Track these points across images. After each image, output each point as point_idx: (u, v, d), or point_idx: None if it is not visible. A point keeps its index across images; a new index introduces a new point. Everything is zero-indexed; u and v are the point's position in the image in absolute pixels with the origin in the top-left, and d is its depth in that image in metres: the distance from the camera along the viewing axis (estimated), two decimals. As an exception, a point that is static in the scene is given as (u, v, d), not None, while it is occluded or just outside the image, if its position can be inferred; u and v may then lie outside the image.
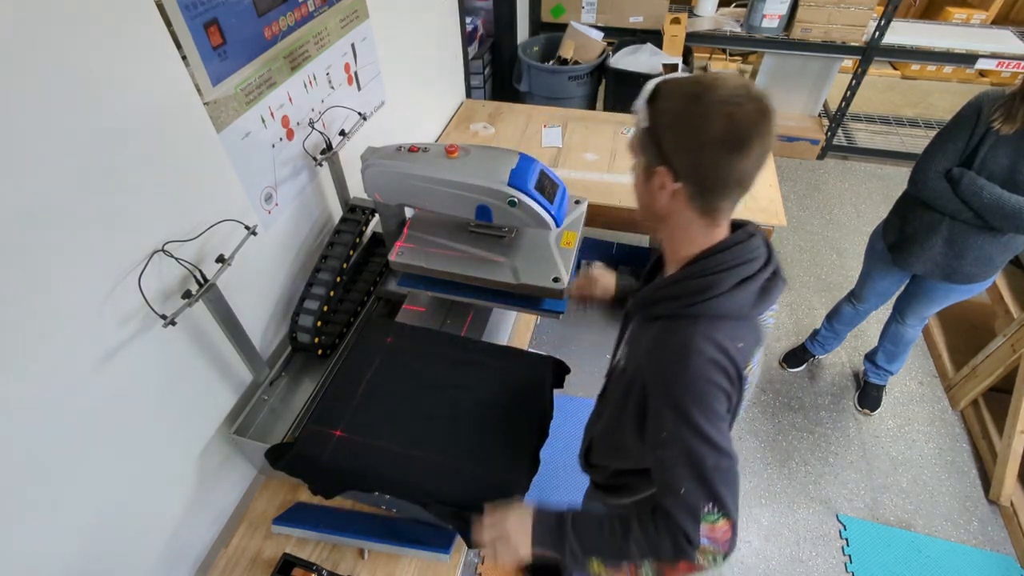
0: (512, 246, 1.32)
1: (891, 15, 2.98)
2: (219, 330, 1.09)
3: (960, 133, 1.53)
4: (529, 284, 1.25)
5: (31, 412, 0.79)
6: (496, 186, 1.14)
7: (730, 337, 0.73)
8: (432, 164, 1.18)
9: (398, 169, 1.19)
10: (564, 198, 1.24)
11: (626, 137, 2.21)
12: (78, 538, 0.91)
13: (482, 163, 1.18)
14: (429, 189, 1.19)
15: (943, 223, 1.62)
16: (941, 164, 1.57)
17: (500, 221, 1.20)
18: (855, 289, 2.11)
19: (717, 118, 0.65)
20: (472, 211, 1.20)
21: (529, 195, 1.14)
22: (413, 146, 1.22)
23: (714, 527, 0.68)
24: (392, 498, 1.08)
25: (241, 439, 1.15)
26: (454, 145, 1.21)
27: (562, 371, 1.28)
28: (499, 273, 1.27)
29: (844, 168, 3.63)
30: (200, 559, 1.22)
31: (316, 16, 1.28)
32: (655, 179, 0.72)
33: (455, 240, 1.34)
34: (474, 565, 1.82)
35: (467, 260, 1.30)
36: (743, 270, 0.75)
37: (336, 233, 1.39)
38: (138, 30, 0.85)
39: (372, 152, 1.24)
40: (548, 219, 1.17)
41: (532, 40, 3.36)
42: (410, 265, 1.31)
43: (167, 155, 0.95)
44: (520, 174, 1.15)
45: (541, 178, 1.19)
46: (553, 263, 1.29)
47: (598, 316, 2.67)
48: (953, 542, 1.90)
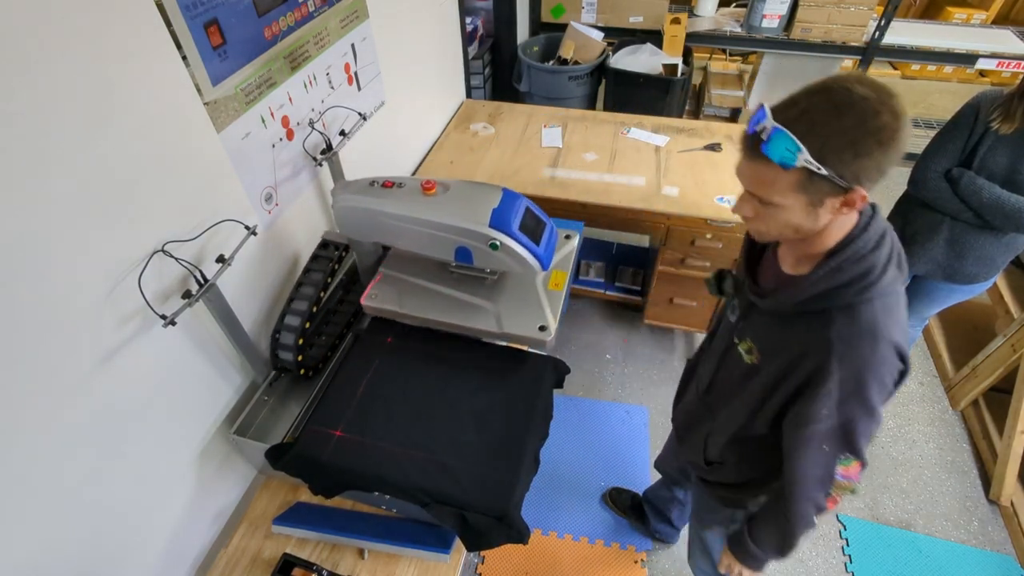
0: (496, 287, 1.24)
1: (891, 15, 2.98)
2: (219, 330, 1.09)
3: (959, 133, 1.53)
4: (513, 333, 1.16)
5: (31, 412, 0.79)
6: (476, 227, 1.05)
7: (900, 316, 0.79)
8: (407, 202, 1.09)
9: (370, 206, 1.10)
10: (552, 237, 1.16)
11: (626, 137, 2.21)
12: (78, 538, 0.91)
13: (461, 201, 1.09)
14: (404, 228, 1.10)
15: (944, 223, 1.62)
16: (940, 164, 1.57)
17: (481, 264, 1.12)
18: None
19: (870, 119, 0.67)
20: (451, 253, 1.11)
21: (512, 237, 1.05)
22: (387, 181, 1.13)
23: (848, 468, 0.85)
24: (392, 498, 1.08)
25: (241, 439, 1.15)
26: (431, 181, 1.12)
27: (562, 371, 1.28)
28: (481, 320, 1.19)
29: (844, 168, 3.63)
30: (200, 559, 1.22)
31: (316, 16, 1.28)
32: (830, 202, 0.73)
33: (434, 281, 1.25)
34: (474, 565, 1.82)
35: (446, 304, 1.22)
36: (884, 244, 0.79)
37: (306, 272, 1.28)
38: (138, 30, 0.85)
39: (343, 186, 1.16)
40: (533, 263, 1.09)
41: (532, 40, 3.36)
42: (383, 310, 1.23)
43: (167, 155, 0.95)
44: (503, 214, 1.06)
45: (526, 217, 1.10)
46: (539, 309, 1.20)
47: (597, 316, 2.67)
48: (953, 542, 1.90)
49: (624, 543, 1.88)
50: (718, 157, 2.09)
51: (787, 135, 0.68)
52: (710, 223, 1.85)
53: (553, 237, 1.16)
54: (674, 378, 2.39)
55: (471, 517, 0.99)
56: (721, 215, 1.82)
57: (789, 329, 0.85)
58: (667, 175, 2.00)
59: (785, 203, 0.75)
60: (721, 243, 1.89)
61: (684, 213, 1.84)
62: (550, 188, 1.93)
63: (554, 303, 1.21)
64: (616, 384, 2.37)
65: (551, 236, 1.15)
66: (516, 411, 1.13)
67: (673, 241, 1.94)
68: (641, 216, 1.89)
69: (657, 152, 2.13)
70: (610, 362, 2.47)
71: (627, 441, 2.16)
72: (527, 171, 2.02)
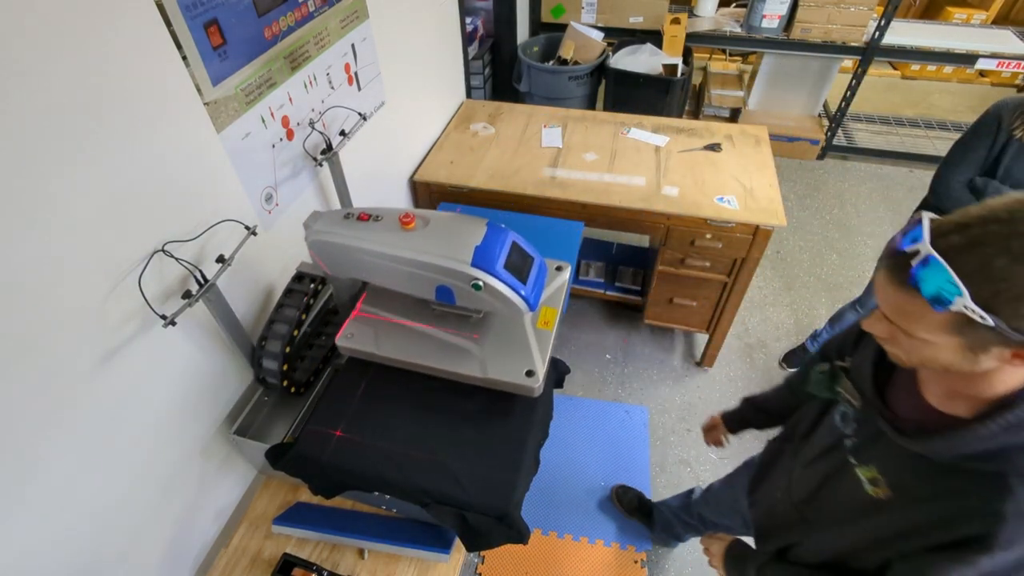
0: (481, 326, 1.16)
1: (891, 15, 2.98)
2: (219, 330, 1.09)
3: (981, 142, 1.49)
4: (497, 379, 1.08)
5: (30, 412, 0.79)
6: (457, 267, 0.97)
7: None
8: (384, 237, 1.01)
9: (344, 241, 1.02)
10: (541, 274, 1.07)
11: (626, 137, 2.21)
12: (78, 538, 0.91)
13: (442, 237, 1.01)
14: (381, 265, 1.03)
15: None
16: (963, 174, 1.53)
17: (464, 303, 1.04)
18: (862, 297, 2.09)
19: None
20: (431, 291, 1.03)
21: (497, 277, 0.97)
22: (363, 213, 1.06)
23: None
24: (392, 498, 1.08)
25: (241, 439, 1.15)
26: (410, 214, 1.03)
27: (562, 371, 1.28)
28: (463, 363, 1.10)
29: (844, 168, 3.63)
30: (200, 559, 1.22)
31: (316, 16, 1.28)
32: (998, 351, 0.58)
33: (415, 318, 1.16)
34: (474, 565, 1.82)
35: (427, 346, 1.13)
36: None
37: (278, 308, 1.19)
38: (138, 30, 0.85)
39: (316, 218, 1.08)
40: (519, 304, 1.01)
41: (532, 40, 3.36)
42: (358, 351, 1.15)
43: (167, 155, 0.95)
44: (486, 251, 0.98)
45: (512, 253, 1.02)
46: (527, 351, 1.11)
47: (597, 316, 2.67)
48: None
49: (624, 543, 1.88)
50: (718, 157, 2.09)
51: (946, 270, 0.54)
52: (710, 223, 1.85)
53: (542, 274, 1.08)
54: (674, 378, 2.39)
55: (471, 517, 0.99)
56: (721, 215, 1.82)
57: (941, 480, 0.68)
58: (667, 175, 2.00)
59: (933, 341, 0.61)
60: (721, 243, 1.89)
61: (684, 213, 1.84)
62: (550, 188, 1.93)
63: (543, 344, 1.13)
64: (616, 384, 2.37)
65: (539, 273, 1.06)
66: (516, 411, 1.13)
67: (673, 241, 1.94)
68: (641, 216, 1.89)
69: (657, 152, 2.13)
70: (610, 362, 2.47)
71: (627, 441, 2.16)
72: (527, 171, 2.02)
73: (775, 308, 2.72)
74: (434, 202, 2.05)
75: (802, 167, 3.65)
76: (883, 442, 0.75)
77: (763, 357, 2.49)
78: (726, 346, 2.50)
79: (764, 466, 1.13)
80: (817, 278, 2.87)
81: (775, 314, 2.68)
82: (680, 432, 2.20)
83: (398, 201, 1.98)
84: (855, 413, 0.83)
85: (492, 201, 1.98)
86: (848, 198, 3.38)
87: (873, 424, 0.77)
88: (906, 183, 3.48)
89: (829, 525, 0.86)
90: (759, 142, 2.17)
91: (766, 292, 2.80)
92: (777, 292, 2.80)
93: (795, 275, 2.88)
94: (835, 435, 0.86)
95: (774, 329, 2.61)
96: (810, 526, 0.91)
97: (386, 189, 1.87)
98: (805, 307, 2.72)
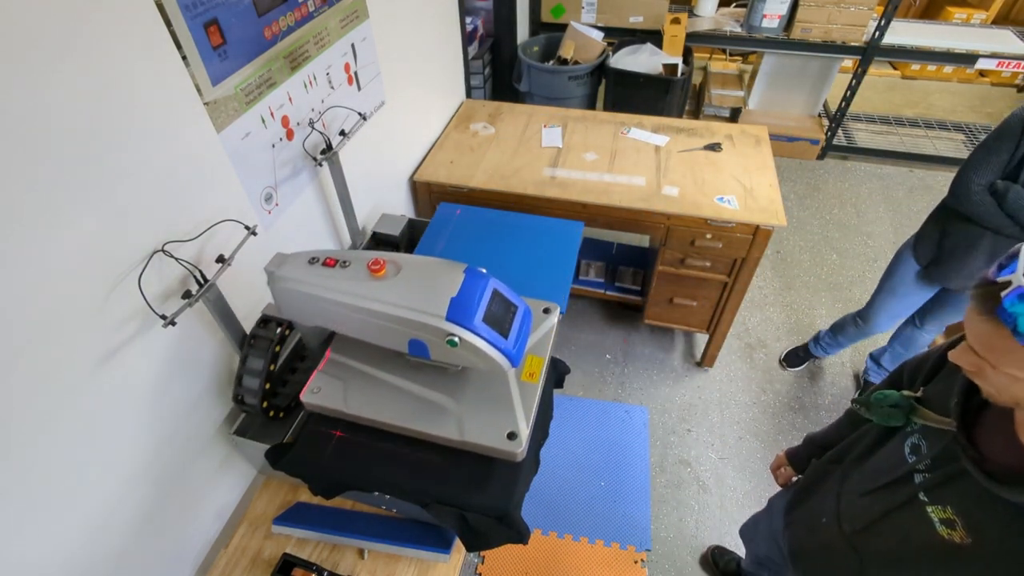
0: (460, 379, 1.06)
1: (891, 15, 2.98)
2: (219, 330, 1.09)
3: (1004, 145, 1.47)
4: (476, 443, 0.99)
5: (30, 412, 0.79)
6: (430, 321, 0.87)
7: None
8: (351, 286, 0.92)
9: (309, 290, 0.93)
10: (525, 323, 0.97)
11: (626, 137, 2.21)
12: (77, 539, 0.91)
13: (414, 287, 0.91)
14: (349, 316, 0.94)
15: (985, 237, 1.56)
16: (985, 177, 1.51)
17: (439, 358, 0.94)
18: (864, 312, 2.06)
19: None
20: (404, 344, 0.94)
21: (474, 332, 0.87)
22: (329, 258, 0.96)
23: None
24: (392, 498, 1.08)
25: (241, 439, 1.15)
26: (380, 260, 0.93)
27: (562, 371, 1.28)
28: (439, 424, 1.01)
29: (844, 168, 3.64)
30: (200, 559, 1.22)
31: (316, 16, 1.27)
32: None
33: (388, 369, 1.07)
34: (474, 565, 1.82)
35: (400, 403, 1.04)
36: None
37: (243, 362, 1.10)
38: (138, 30, 0.85)
39: (279, 262, 0.98)
40: (500, 360, 0.91)
41: (532, 40, 3.36)
42: (325, 408, 1.05)
43: (167, 155, 0.95)
44: (463, 304, 0.88)
45: (493, 303, 0.92)
46: (509, 410, 1.01)
47: (597, 316, 2.67)
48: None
49: (624, 543, 1.88)
50: (718, 157, 2.09)
51: None
52: (710, 223, 1.85)
53: (526, 323, 0.98)
54: (674, 378, 2.39)
55: (471, 517, 0.99)
56: (721, 215, 1.82)
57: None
58: (667, 175, 2.00)
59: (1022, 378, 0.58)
60: (721, 243, 1.89)
61: (684, 213, 1.84)
62: (550, 188, 1.93)
63: (528, 399, 1.03)
64: (616, 384, 2.37)
65: (523, 323, 0.96)
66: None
67: (673, 241, 1.94)
68: (641, 216, 1.89)
69: (657, 152, 2.13)
70: (610, 362, 2.47)
71: (627, 441, 2.16)
72: (527, 171, 2.02)
73: (775, 308, 2.72)
74: (434, 202, 2.05)
75: (802, 167, 3.65)
76: (963, 482, 0.70)
77: (763, 357, 2.49)
78: (726, 346, 2.50)
79: (806, 489, 1.08)
80: (817, 278, 2.87)
81: (775, 314, 2.69)
82: (680, 432, 2.20)
83: (398, 201, 1.98)
84: (930, 448, 0.77)
85: (492, 201, 1.98)
86: (848, 198, 3.38)
87: (953, 462, 0.71)
88: (906, 183, 3.49)
89: (890, 563, 0.81)
90: (759, 142, 2.17)
91: (766, 292, 2.80)
92: (777, 292, 2.80)
93: (795, 275, 2.88)
94: (902, 467, 0.80)
95: (774, 329, 2.61)
96: (865, 560, 0.85)
97: (386, 189, 1.87)
98: (805, 307, 2.72)
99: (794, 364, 2.43)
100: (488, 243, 1.54)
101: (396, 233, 1.58)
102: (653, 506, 1.98)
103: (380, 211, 1.79)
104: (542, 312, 1.15)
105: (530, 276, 1.43)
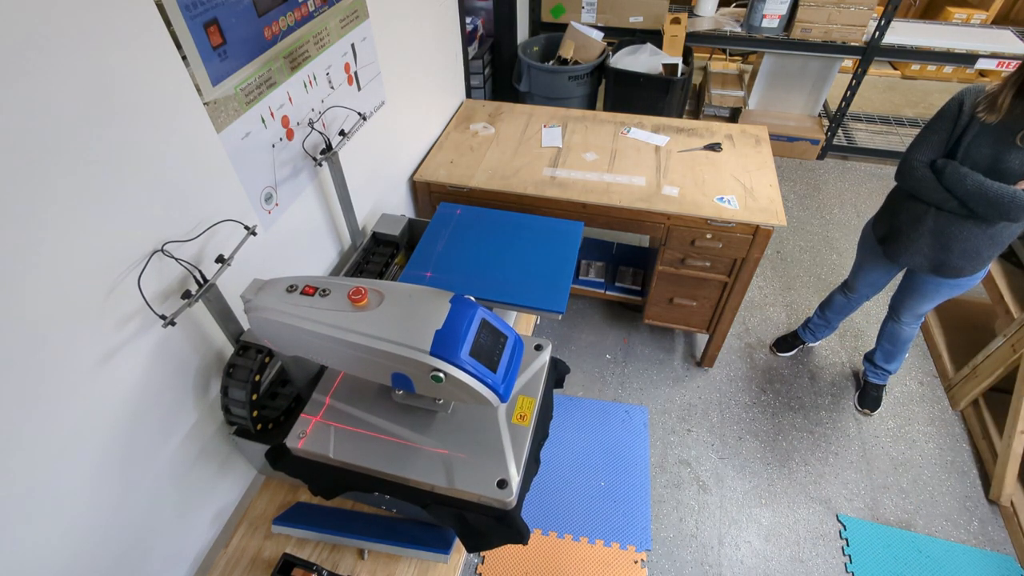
0: (449, 422, 1.02)
1: (891, 15, 2.98)
2: (219, 330, 1.09)
3: (943, 125, 1.59)
4: (464, 490, 0.95)
5: (30, 413, 0.79)
6: (413, 355, 0.82)
7: None
8: (331, 317, 0.87)
9: (287, 320, 0.88)
10: (516, 356, 0.91)
11: (626, 137, 2.21)
12: (77, 539, 0.91)
13: (397, 318, 0.86)
14: (330, 348, 0.88)
15: (928, 214, 1.67)
16: (925, 155, 1.63)
17: (424, 392, 0.89)
18: (848, 279, 2.17)
19: None
20: (387, 378, 0.89)
21: (461, 367, 0.82)
22: (308, 286, 0.91)
23: None
24: (392, 498, 1.08)
25: (241, 439, 1.15)
26: (361, 290, 0.88)
27: (562, 371, 1.28)
28: (426, 471, 0.97)
29: (844, 168, 3.64)
30: (200, 559, 1.22)
31: (316, 16, 1.27)
32: None
33: (374, 411, 1.03)
34: (474, 565, 1.82)
35: (386, 448, 1.00)
36: None
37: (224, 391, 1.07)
38: (138, 30, 0.85)
39: (256, 289, 0.93)
40: (488, 396, 0.86)
41: (532, 40, 3.36)
42: (312, 453, 1.01)
43: (167, 155, 0.95)
44: (449, 336, 0.83)
45: (481, 334, 0.87)
46: (499, 455, 0.97)
47: (597, 316, 2.67)
48: (953, 542, 1.90)
49: (624, 543, 1.88)
50: (718, 157, 2.09)
51: None
52: (710, 223, 1.85)
53: (517, 355, 0.92)
54: (674, 378, 2.40)
55: (471, 517, 0.99)
56: (721, 215, 1.82)
57: None
58: (667, 175, 2.00)
59: None
60: (721, 243, 1.89)
61: (684, 213, 1.84)
62: (550, 188, 1.93)
63: (519, 443, 0.98)
64: (616, 384, 2.37)
65: (513, 356, 0.90)
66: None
67: (673, 241, 1.94)
68: (641, 216, 1.89)
69: (657, 152, 2.13)
70: (610, 362, 2.47)
71: (627, 441, 2.16)
72: (527, 171, 2.02)
73: (775, 308, 2.72)
74: (434, 202, 2.05)
75: (802, 167, 3.65)
76: None
77: (763, 357, 2.49)
78: (726, 346, 2.50)
79: None
80: (817, 277, 2.87)
81: (775, 314, 2.69)
82: (680, 432, 2.20)
83: (398, 201, 1.98)
84: None
85: (492, 201, 1.98)
86: (848, 198, 3.39)
87: None
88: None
89: None
90: (759, 142, 2.18)
91: (766, 292, 2.80)
92: (777, 292, 2.80)
93: (795, 275, 2.88)
94: None
95: (774, 329, 2.61)
96: None
97: (386, 189, 1.87)
98: (804, 307, 2.72)
99: (783, 349, 2.48)
100: (488, 243, 1.54)
101: (396, 233, 1.58)
102: (653, 506, 1.98)
103: (380, 211, 1.79)
104: (534, 349, 1.11)
105: (530, 276, 1.43)
